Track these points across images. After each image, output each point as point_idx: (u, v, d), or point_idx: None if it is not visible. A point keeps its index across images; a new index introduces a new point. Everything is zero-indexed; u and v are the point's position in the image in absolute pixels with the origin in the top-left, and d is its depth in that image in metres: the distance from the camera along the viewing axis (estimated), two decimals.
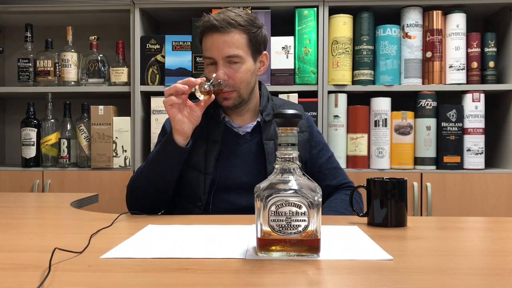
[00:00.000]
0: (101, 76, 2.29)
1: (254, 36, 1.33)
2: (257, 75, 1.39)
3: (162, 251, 0.81)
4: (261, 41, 1.36)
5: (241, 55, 1.31)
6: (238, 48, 1.30)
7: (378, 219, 1.03)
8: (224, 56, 1.30)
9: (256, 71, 1.38)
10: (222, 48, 1.29)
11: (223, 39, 1.29)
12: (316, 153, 1.44)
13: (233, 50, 1.30)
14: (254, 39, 1.33)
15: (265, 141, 1.37)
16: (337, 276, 0.68)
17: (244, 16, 1.32)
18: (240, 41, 1.31)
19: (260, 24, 1.36)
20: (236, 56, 1.30)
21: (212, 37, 1.31)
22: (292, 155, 0.78)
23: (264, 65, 1.42)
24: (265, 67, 1.42)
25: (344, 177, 1.46)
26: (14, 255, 0.80)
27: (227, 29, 1.29)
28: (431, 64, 2.16)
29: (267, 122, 1.39)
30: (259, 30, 1.35)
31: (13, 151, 2.61)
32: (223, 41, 1.29)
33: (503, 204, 2.06)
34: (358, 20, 2.18)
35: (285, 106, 1.48)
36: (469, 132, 2.14)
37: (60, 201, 1.47)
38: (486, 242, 0.95)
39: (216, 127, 1.38)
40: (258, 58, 1.38)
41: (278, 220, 0.75)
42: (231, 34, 1.30)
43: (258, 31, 1.34)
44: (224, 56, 1.30)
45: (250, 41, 1.33)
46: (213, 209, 1.33)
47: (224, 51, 1.29)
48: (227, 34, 1.29)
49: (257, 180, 0.75)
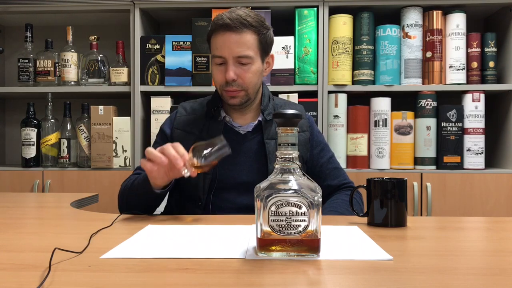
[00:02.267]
0: (101, 76, 2.29)
1: (263, 37, 1.33)
2: (263, 76, 1.39)
3: (162, 251, 0.81)
4: (269, 42, 1.37)
5: (252, 55, 1.31)
6: (249, 48, 1.30)
7: (378, 219, 1.03)
8: (235, 56, 1.29)
9: (262, 72, 1.38)
10: (233, 48, 1.29)
11: (235, 38, 1.29)
12: (317, 153, 1.44)
13: (245, 51, 1.29)
14: (264, 40, 1.33)
15: (266, 140, 1.37)
16: (337, 276, 0.68)
17: (254, 17, 1.32)
18: (251, 42, 1.31)
19: (268, 26, 1.36)
20: (247, 56, 1.30)
21: (224, 36, 1.30)
22: (292, 155, 0.78)
23: (270, 66, 1.42)
24: (270, 68, 1.42)
25: (344, 177, 1.46)
26: (14, 255, 0.80)
27: (240, 29, 1.29)
28: (431, 64, 2.16)
29: (269, 121, 1.39)
30: (268, 31, 1.35)
31: (13, 151, 2.61)
32: (235, 41, 1.29)
33: (503, 204, 2.06)
34: (358, 20, 2.18)
35: (286, 106, 1.48)
36: (469, 132, 2.14)
37: (60, 201, 1.47)
38: (486, 242, 0.95)
39: (217, 127, 1.38)
40: (265, 59, 1.38)
41: (278, 220, 0.75)
42: (243, 34, 1.29)
43: (267, 33, 1.35)
44: (235, 56, 1.29)
45: (260, 42, 1.33)
46: (213, 208, 1.33)
47: (236, 51, 1.29)
48: (239, 34, 1.29)
49: (258, 179, 0.75)
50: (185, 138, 1.35)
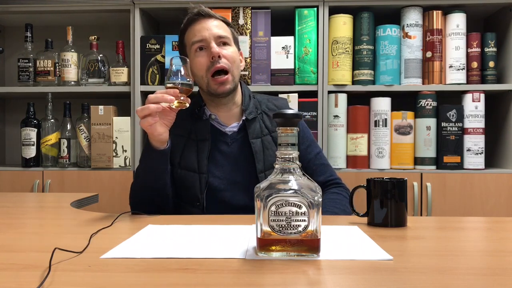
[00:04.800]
0: (101, 76, 2.29)
1: (234, 31, 1.44)
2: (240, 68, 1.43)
3: (162, 251, 0.81)
4: (237, 38, 1.46)
5: (230, 37, 1.39)
6: (226, 31, 1.39)
7: (378, 219, 1.03)
8: (216, 36, 1.35)
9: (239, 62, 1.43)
10: (213, 29, 1.36)
11: (211, 22, 1.37)
12: (304, 149, 1.44)
13: (223, 32, 1.37)
14: (234, 32, 1.43)
15: (252, 140, 1.38)
16: (337, 276, 0.68)
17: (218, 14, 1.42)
18: (226, 28, 1.40)
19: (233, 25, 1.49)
20: (226, 37, 1.37)
21: (201, 22, 1.37)
22: (292, 155, 0.78)
23: (242, 62, 1.47)
24: (243, 65, 1.48)
25: (331, 174, 1.45)
26: (14, 255, 0.80)
27: (214, 17, 1.39)
28: (431, 64, 2.16)
29: (251, 120, 1.40)
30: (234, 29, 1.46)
31: (13, 151, 2.61)
32: (213, 24, 1.37)
33: (503, 204, 2.06)
34: (358, 20, 2.18)
35: (269, 101, 1.48)
36: (469, 132, 2.14)
37: (60, 201, 1.47)
38: (486, 242, 0.95)
39: (203, 126, 1.39)
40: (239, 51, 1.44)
41: (278, 220, 0.75)
42: (218, 20, 1.39)
43: (234, 29, 1.45)
44: (216, 36, 1.35)
45: (232, 33, 1.42)
46: (207, 208, 1.33)
47: (216, 31, 1.36)
48: (215, 19, 1.38)
49: (248, 179, 0.75)
50: (176, 141, 1.35)
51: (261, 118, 1.42)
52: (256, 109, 1.43)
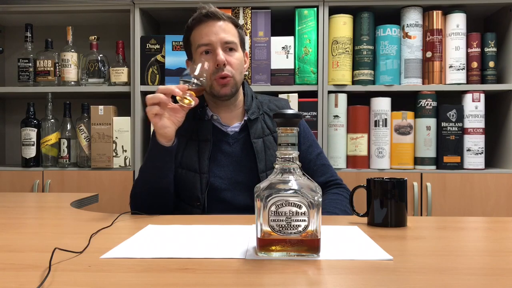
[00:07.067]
0: (101, 76, 2.29)
1: (241, 31, 1.41)
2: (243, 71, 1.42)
3: (162, 251, 0.81)
4: (244, 39, 1.43)
5: (236, 42, 1.37)
6: (233, 36, 1.36)
7: (378, 219, 1.03)
8: (222, 42, 1.33)
9: (243, 65, 1.42)
10: (220, 33, 1.34)
11: (219, 25, 1.34)
12: (305, 149, 1.44)
13: (230, 37, 1.35)
14: (241, 33, 1.41)
15: (254, 140, 1.38)
16: (337, 276, 0.68)
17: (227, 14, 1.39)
18: (233, 31, 1.37)
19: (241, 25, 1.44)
20: (232, 42, 1.35)
21: (207, 24, 1.34)
22: (292, 155, 0.78)
23: (246, 63, 1.45)
24: (247, 66, 1.46)
25: (332, 174, 1.45)
26: (14, 255, 0.80)
27: (222, 18, 1.35)
28: (431, 64, 2.16)
29: (253, 120, 1.40)
30: (242, 29, 1.44)
31: (13, 151, 2.61)
32: (220, 28, 1.34)
33: (503, 204, 2.06)
34: (358, 20, 2.18)
35: (271, 102, 1.48)
36: (469, 132, 2.14)
37: (60, 201, 1.47)
38: (486, 242, 0.95)
39: (205, 126, 1.39)
40: (244, 53, 1.43)
41: (278, 220, 0.75)
42: (226, 22, 1.36)
43: (242, 29, 1.43)
44: (222, 42, 1.33)
45: (239, 34, 1.40)
46: (208, 208, 1.33)
47: (223, 36, 1.34)
48: (223, 21, 1.35)
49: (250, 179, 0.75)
50: (178, 142, 1.35)
51: (263, 118, 1.42)
52: (258, 109, 1.43)
